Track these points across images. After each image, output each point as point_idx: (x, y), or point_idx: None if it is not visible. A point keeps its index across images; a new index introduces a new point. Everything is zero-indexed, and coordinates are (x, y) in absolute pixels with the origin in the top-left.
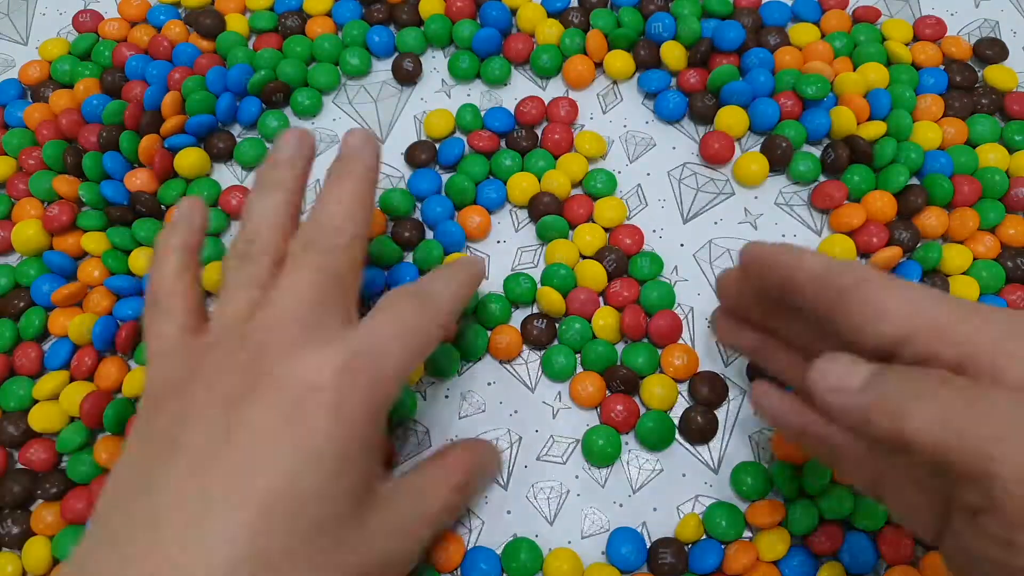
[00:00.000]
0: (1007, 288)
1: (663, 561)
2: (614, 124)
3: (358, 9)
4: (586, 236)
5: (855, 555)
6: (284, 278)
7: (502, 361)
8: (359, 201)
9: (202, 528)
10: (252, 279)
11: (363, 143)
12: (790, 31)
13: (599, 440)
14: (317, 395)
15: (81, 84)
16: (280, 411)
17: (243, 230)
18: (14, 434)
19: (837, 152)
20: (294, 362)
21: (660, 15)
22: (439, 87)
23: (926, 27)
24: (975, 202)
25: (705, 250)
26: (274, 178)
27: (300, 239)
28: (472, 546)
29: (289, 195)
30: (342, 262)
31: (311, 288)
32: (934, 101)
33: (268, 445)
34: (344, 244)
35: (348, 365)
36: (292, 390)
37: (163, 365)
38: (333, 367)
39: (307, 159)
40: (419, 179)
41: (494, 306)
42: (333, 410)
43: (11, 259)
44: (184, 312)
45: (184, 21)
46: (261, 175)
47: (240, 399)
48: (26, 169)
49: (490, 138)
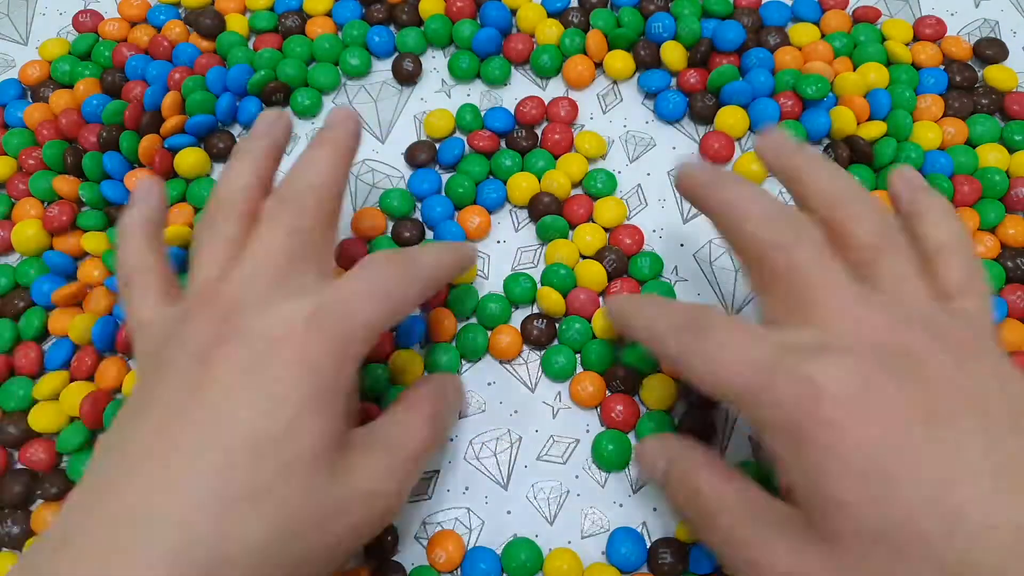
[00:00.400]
0: (1007, 288)
1: (663, 561)
2: (614, 124)
3: (358, 9)
4: (586, 236)
5: None
6: (256, 237)
7: (502, 361)
8: (332, 164)
9: (169, 473)
10: (222, 238)
11: (345, 117)
12: (790, 31)
13: (609, 445)
14: (283, 344)
15: (81, 84)
16: (247, 361)
17: (212, 196)
18: (14, 434)
19: (837, 152)
20: (263, 315)
21: (660, 15)
22: (439, 87)
23: (926, 27)
24: (975, 202)
25: (705, 250)
26: (245, 148)
27: (273, 198)
28: (472, 546)
29: (258, 161)
30: (314, 219)
31: (283, 245)
32: (934, 101)
33: (234, 393)
34: (315, 202)
35: (315, 315)
36: (260, 341)
37: (144, 339)
38: (301, 317)
39: (281, 132)
40: (419, 179)
41: (494, 306)
42: (298, 357)
43: (11, 259)
44: (157, 285)
45: (184, 21)
46: (235, 149)
47: (210, 353)
48: (26, 169)
49: (490, 138)
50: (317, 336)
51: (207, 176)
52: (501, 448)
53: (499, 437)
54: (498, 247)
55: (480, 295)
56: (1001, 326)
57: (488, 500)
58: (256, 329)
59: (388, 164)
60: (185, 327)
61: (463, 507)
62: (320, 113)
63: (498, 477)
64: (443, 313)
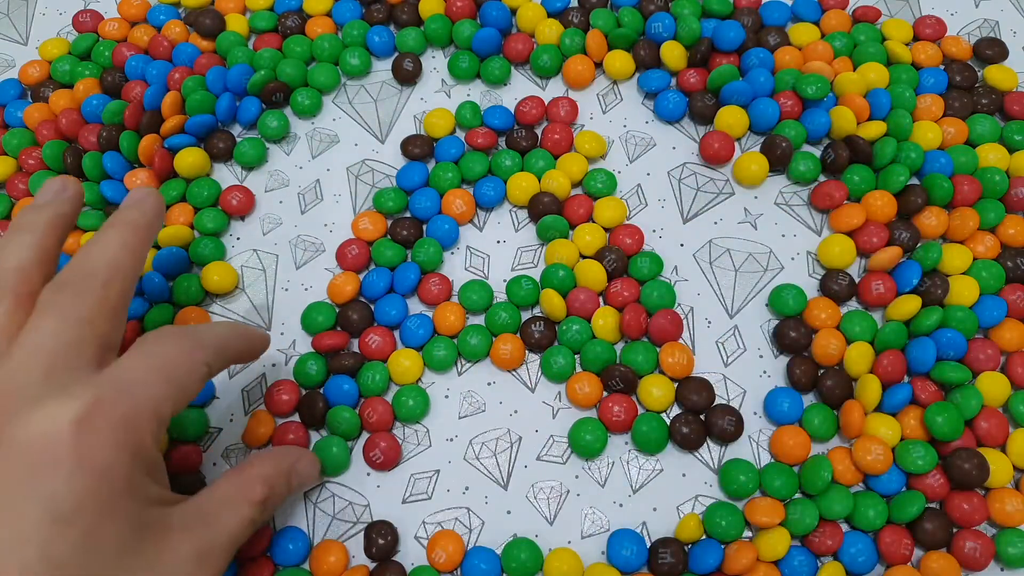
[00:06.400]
0: (1007, 288)
1: (663, 561)
2: (614, 124)
3: (358, 9)
4: (586, 236)
5: (855, 555)
6: (26, 328)
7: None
8: (125, 248)
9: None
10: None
11: (144, 195)
12: (790, 31)
13: (586, 435)
14: (54, 449)
15: (81, 84)
16: (18, 474)
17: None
18: None
19: (837, 152)
20: (30, 419)
21: (660, 15)
22: (439, 87)
23: (926, 27)
24: (975, 202)
25: (705, 250)
26: (25, 220)
27: (53, 284)
28: (472, 546)
29: (38, 238)
30: (93, 305)
31: (54, 336)
32: (934, 101)
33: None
34: (98, 287)
35: (88, 411)
36: (28, 450)
37: None
38: (71, 416)
39: (68, 204)
40: (405, 173)
41: (504, 315)
42: (73, 462)
43: None
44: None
45: (184, 21)
46: (15, 217)
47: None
48: (26, 169)
49: (487, 135)
50: (92, 433)
51: (207, 176)
52: (501, 448)
53: (499, 437)
54: (498, 247)
55: (482, 294)
56: (1001, 326)
57: (488, 500)
58: (22, 437)
59: (388, 164)
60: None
61: (463, 507)
62: (320, 113)
63: (498, 477)
64: (450, 307)
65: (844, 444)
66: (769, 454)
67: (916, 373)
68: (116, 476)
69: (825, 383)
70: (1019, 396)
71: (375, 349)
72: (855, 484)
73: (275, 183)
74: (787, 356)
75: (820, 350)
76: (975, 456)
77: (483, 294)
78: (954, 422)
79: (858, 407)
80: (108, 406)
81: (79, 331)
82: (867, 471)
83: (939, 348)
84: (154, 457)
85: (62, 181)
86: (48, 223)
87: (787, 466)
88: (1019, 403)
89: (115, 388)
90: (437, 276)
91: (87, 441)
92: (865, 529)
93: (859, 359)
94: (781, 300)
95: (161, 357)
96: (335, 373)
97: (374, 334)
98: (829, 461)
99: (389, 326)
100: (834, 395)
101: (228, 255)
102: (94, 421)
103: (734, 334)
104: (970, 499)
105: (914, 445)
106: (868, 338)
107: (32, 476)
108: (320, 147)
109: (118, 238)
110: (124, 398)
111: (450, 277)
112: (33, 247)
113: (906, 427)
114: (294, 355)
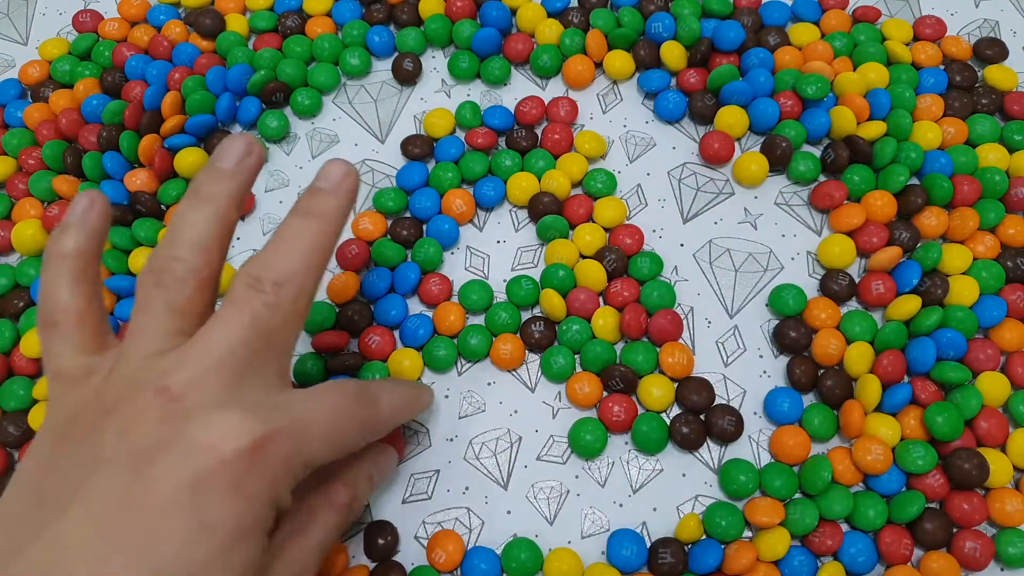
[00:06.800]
0: (1007, 288)
1: (663, 561)
2: (614, 124)
3: (358, 9)
4: (586, 236)
5: (855, 555)
6: (215, 324)
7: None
8: (319, 250)
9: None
10: (170, 306)
11: (342, 176)
12: (790, 31)
13: (586, 435)
14: (224, 468)
15: (81, 84)
16: (185, 479)
17: (165, 244)
18: (14, 434)
19: (837, 152)
20: (209, 426)
21: (660, 15)
22: (439, 87)
23: (926, 27)
24: (975, 202)
25: (705, 250)
26: (207, 190)
27: (244, 278)
28: (472, 546)
29: (222, 211)
30: (284, 318)
31: (243, 344)
32: (934, 101)
33: (168, 512)
34: (291, 297)
35: (263, 442)
36: (201, 459)
37: (65, 392)
38: (248, 439)
39: (250, 171)
40: (405, 173)
41: (504, 315)
42: (235, 486)
43: (11, 259)
44: (81, 332)
45: (184, 21)
46: (195, 183)
47: (149, 458)
48: (26, 169)
49: (487, 134)
50: (259, 469)
51: None
52: (501, 448)
53: (499, 437)
54: (498, 247)
55: (482, 294)
56: (1001, 326)
57: (488, 500)
58: (202, 443)
59: (388, 164)
60: (121, 408)
61: (463, 507)
62: (320, 113)
63: (498, 477)
64: (450, 307)
65: (844, 444)
66: (769, 454)
67: (916, 373)
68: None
69: (825, 383)
70: (1019, 396)
71: (375, 349)
72: (855, 484)
73: (275, 183)
74: (787, 356)
75: (820, 350)
76: (975, 456)
77: (483, 294)
78: (954, 422)
79: (858, 407)
80: (282, 441)
81: (266, 341)
82: (867, 471)
83: (939, 348)
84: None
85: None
86: (231, 196)
87: (787, 466)
88: (1019, 403)
89: (293, 425)
90: (437, 276)
91: (254, 470)
92: (865, 529)
93: (859, 359)
94: (781, 300)
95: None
96: (335, 373)
97: (374, 334)
98: (829, 461)
99: (389, 326)
100: (834, 395)
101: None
102: (268, 450)
103: (734, 334)
104: (970, 499)
105: (914, 445)
106: (868, 338)
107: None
108: (320, 147)
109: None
110: (296, 441)
111: (450, 277)
112: (216, 222)
113: (906, 427)
114: (294, 355)
